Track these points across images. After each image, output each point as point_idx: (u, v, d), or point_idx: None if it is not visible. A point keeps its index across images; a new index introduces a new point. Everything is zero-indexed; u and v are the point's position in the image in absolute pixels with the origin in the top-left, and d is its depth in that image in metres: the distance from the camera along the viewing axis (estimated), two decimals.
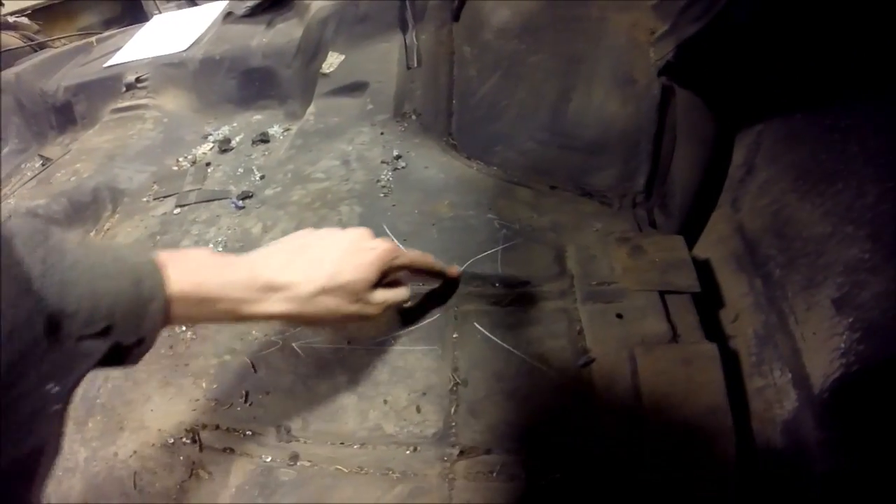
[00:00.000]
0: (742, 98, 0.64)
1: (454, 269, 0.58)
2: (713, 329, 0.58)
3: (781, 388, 0.49)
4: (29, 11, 1.90)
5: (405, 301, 0.50)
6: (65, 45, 1.51)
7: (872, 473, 0.43)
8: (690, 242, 0.67)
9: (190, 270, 0.35)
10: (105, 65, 1.21)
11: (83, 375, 0.29)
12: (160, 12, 2.29)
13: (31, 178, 1.05)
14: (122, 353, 0.31)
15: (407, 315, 0.57)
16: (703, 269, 0.63)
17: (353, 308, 0.44)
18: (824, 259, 0.49)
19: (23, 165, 1.18)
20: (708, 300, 0.61)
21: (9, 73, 1.29)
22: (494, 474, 0.46)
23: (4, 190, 1.10)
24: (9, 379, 0.24)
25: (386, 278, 0.48)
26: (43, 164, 1.11)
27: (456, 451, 0.48)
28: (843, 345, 0.44)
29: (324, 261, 0.42)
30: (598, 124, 0.71)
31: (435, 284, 0.59)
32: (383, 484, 0.47)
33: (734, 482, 0.44)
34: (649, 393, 0.49)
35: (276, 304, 0.40)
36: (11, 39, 1.60)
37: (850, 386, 0.43)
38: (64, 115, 1.21)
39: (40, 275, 0.26)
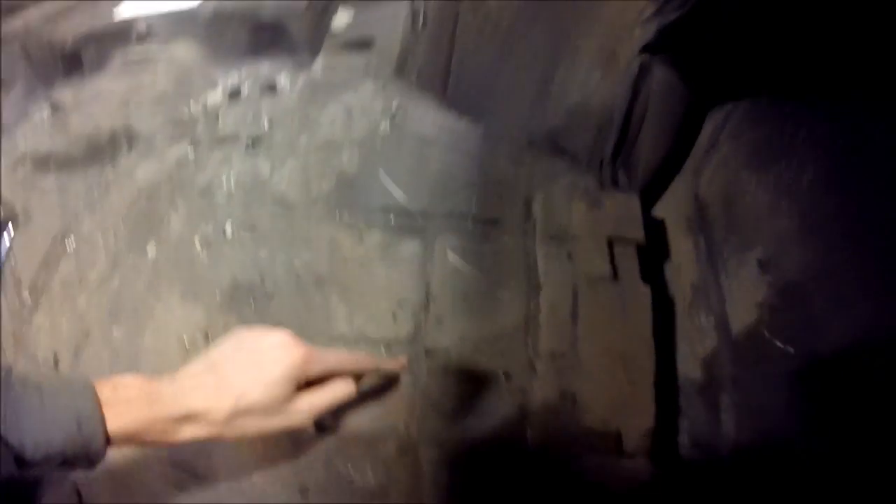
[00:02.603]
0: (716, 79, 0.69)
1: (396, 363, 0.55)
2: (657, 277, 0.66)
3: (705, 329, 0.58)
4: None
5: (342, 400, 0.48)
6: None
7: (777, 405, 0.51)
8: (651, 202, 0.74)
9: (122, 412, 0.40)
10: (114, 13, 1.24)
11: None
12: None
13: (44, 124, 1.10)
14: (79, 466, 0.41)
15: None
16: (659, 227, 0.71)
17: (276, 422, 0.44)
18: (759, 226, 0.56)
19: (30, 110, 1.23)
20: (657, 253, 0.69)
21: (16, 21, 1.31)
22: (452, 370, 0.57)
23: (16, 133, 1.15)
24: None
25: (312, 383, 0.47)
26: (53, 110, 1.17)
27: (423, 351, 0.58)
28: (761, 298, 0.52)
29: (230, 382, 0.42)
30: (580, 94, 0.77)
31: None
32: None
33: (654, 406, 0.52)
34: (586, 320, 0.59)
35: (196, 430, 0.42)
36: None
37: (762, 331, 0.51)
38: (72, 62, 1.21)
39: (3, 429, 0.35)
